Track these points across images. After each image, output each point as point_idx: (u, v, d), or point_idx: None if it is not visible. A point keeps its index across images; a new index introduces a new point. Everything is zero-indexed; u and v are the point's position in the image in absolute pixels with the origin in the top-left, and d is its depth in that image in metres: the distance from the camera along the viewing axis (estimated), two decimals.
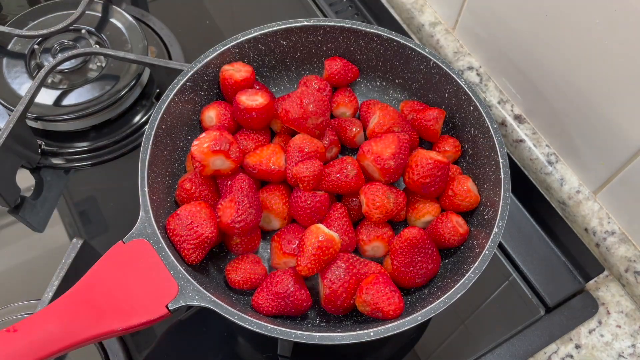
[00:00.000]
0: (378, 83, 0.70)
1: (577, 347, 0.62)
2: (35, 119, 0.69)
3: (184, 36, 0.81)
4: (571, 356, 0.61)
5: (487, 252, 0.51)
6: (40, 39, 0.73)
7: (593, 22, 0.57)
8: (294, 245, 0.56)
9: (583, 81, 0.61)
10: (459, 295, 0.49)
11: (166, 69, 0.68)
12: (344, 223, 0.57)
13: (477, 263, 0.51)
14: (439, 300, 0.49)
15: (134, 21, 0.77)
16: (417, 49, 0.64)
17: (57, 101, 0.70)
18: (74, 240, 0.57)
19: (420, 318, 0.48)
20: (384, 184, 0.58)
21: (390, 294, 0.50)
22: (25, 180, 0.68)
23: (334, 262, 0.53)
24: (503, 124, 0.73)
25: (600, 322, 0.63)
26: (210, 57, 0.61)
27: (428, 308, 0.48)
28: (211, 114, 0.62)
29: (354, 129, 0.65)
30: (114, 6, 0.78)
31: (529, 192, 0.71)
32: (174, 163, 0.60)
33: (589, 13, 0.57)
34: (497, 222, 0.53)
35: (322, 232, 0.52)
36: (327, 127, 0.63)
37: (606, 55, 0.57)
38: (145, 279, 0.48)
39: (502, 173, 0.56)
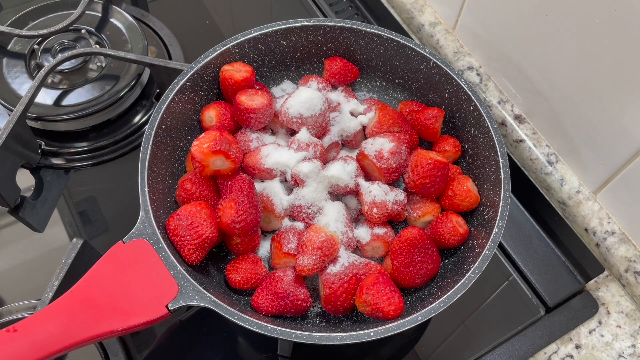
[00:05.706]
0: (378, 83, 0.70)
1: (577, 347, 0.62)
2: (35, 119, 0.69)
3: (184, 36, 0.81)
4: (571, 356, 0.61)
5: (487, 252, 0.51)
6: (40, 39, 0.73)
7: (593, 22, 0.57)
8: (294, 245, 0.56)
9: (583, 81, 0.61)
10: (459, 296, 0.49)
11: (166, 69, 0.68)
12: (344, 223, 0.57)
13: (477, 263, 0.51)
14: (439, 300, 0.49)
15: (134, 21, 0.77)
16: (417, 49, 0.64)
17: (57, 101, 0.70)
18: (74, 240, 0.57)
19: (420, 318, 0.48)
20: (384, 183, 0.58)
21: (390, 294, 0.50)
22: (25, 180, 0.68)
23: (334, 262, 0.53)
24: (503, 124, 0.73)
25: (600, 322, 0.63)
26: (210, 57, 0.61)
27: (428, 308, 0.48)
28: (211, 114, 0.62)
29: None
30: (114, 6, 0.78)
31: (529, 192, 0.71)
32: (174, 163, 0.60)
33: (589, 13, 0.57)
34: (497, 222, 0.53)
35: (323, 232, 0.52)
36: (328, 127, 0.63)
37: (606, 55, 0.57)
38: (145, 279, 0.48)
39: (502, 173, 0.56)
